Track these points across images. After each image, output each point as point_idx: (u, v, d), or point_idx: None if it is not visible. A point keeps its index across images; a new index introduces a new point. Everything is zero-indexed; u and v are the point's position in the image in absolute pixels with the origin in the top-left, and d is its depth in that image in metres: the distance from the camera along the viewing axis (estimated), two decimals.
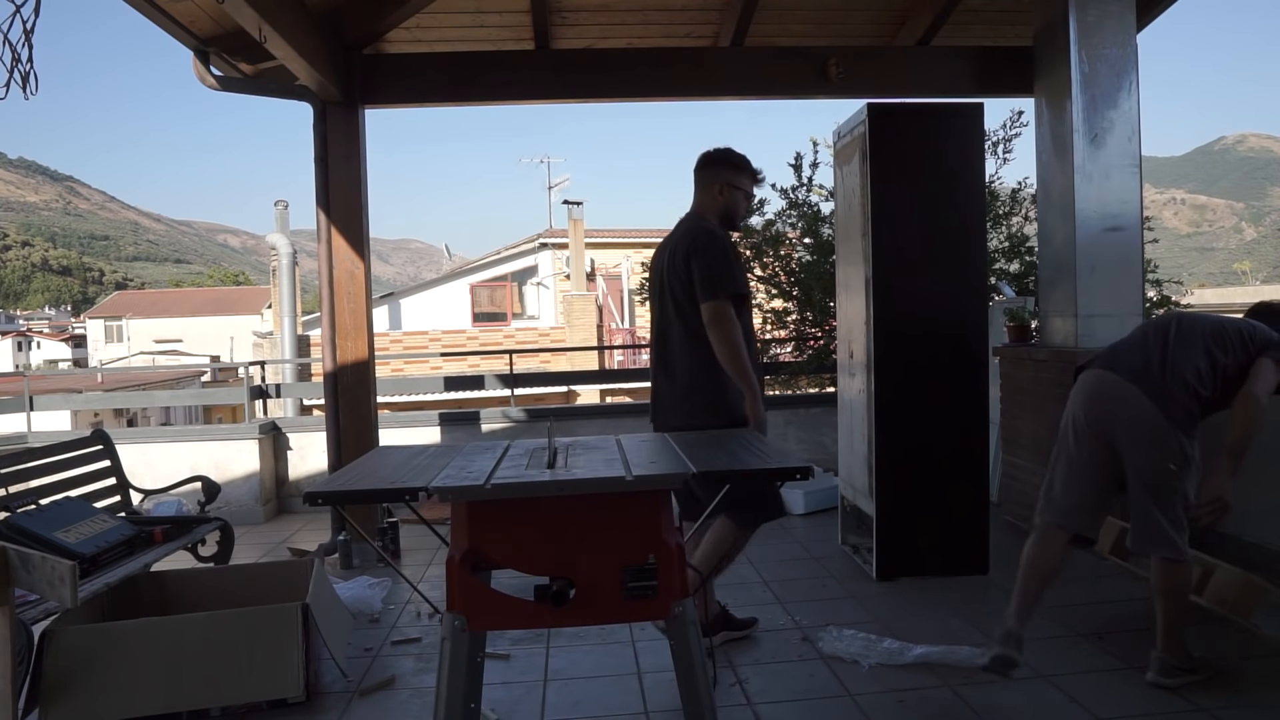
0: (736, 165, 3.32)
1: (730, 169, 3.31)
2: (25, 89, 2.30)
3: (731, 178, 3.30)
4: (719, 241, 3.18)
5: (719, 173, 3.31)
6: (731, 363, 3.08)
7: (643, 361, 19.22)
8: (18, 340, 49.58)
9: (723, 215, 3.32)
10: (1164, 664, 2.91)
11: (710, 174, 3.32)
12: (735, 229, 3.33)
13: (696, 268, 3.12)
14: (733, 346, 3.07)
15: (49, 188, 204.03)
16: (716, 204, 3.30)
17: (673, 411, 3.24)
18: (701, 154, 3.39)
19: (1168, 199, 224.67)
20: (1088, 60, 4.61)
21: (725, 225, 3.33)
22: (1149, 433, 2.86)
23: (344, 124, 5.04)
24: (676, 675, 2.14)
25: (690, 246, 3.17)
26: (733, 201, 3.30)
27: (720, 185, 3.29)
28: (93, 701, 2.81)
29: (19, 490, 3.81)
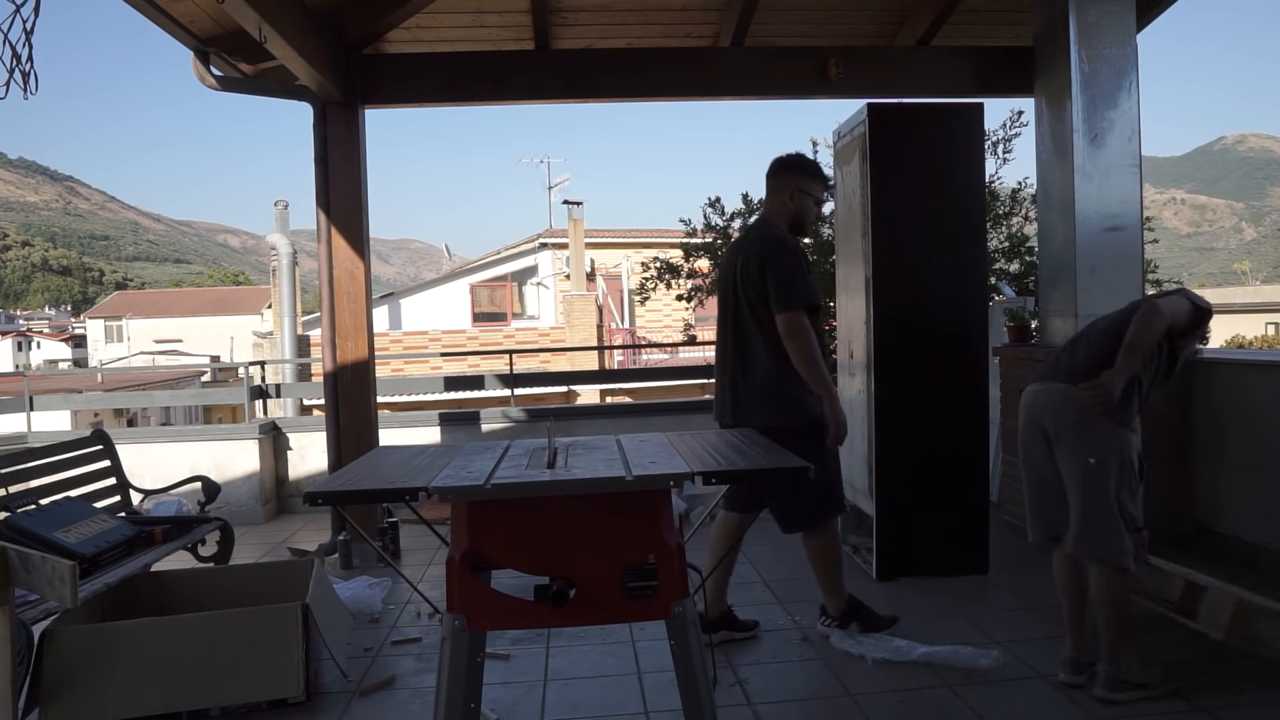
0: (808, 171, 3.40)
1: (802, 175, 3.38)
2: (25, 89, 2.30)
3: (803, 183, 3.37)
4: (791, 251, 3.25)
5: (791, 178, 3.38)
6: (809, 372, 3.18)
7: (643, 361, 19.24)
8: (18, 340, 49.58)
9: (792, 221, 3.39)
10: (1109, 678, 2.80)
11: (782, 180, 3.39)
12: (804, 234, 3.41)
13: (770, 278, 3.19)
14: (810, 357, 3.16)
15: (49, 188, 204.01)
16: (787, 209, 3.38)
17: (752, 411, 3.30)
18: (774, 160, 3.45)
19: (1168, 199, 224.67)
20: (1088, 60, 4.61)
21: (794, 231, 3.40)
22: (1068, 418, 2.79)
23: (344, 124, 5.04)
24: (676, 675, 2.14)
25: (763, 255, 3.24)
26: (803, 207, 3.37)
27: (791, 190, 3.36)
28: (93, 701, 2.81)
29: (19, 490, 3.81)
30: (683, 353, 18.00)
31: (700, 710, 2.12)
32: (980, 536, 4.20)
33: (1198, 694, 2.82)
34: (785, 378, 3.24)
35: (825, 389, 3.20)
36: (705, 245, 8.23)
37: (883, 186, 4.06)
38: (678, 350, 17.88)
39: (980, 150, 4.24)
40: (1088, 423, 2.75)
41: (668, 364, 18.16)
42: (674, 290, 8.60)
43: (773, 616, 3.75)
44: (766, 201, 3.46)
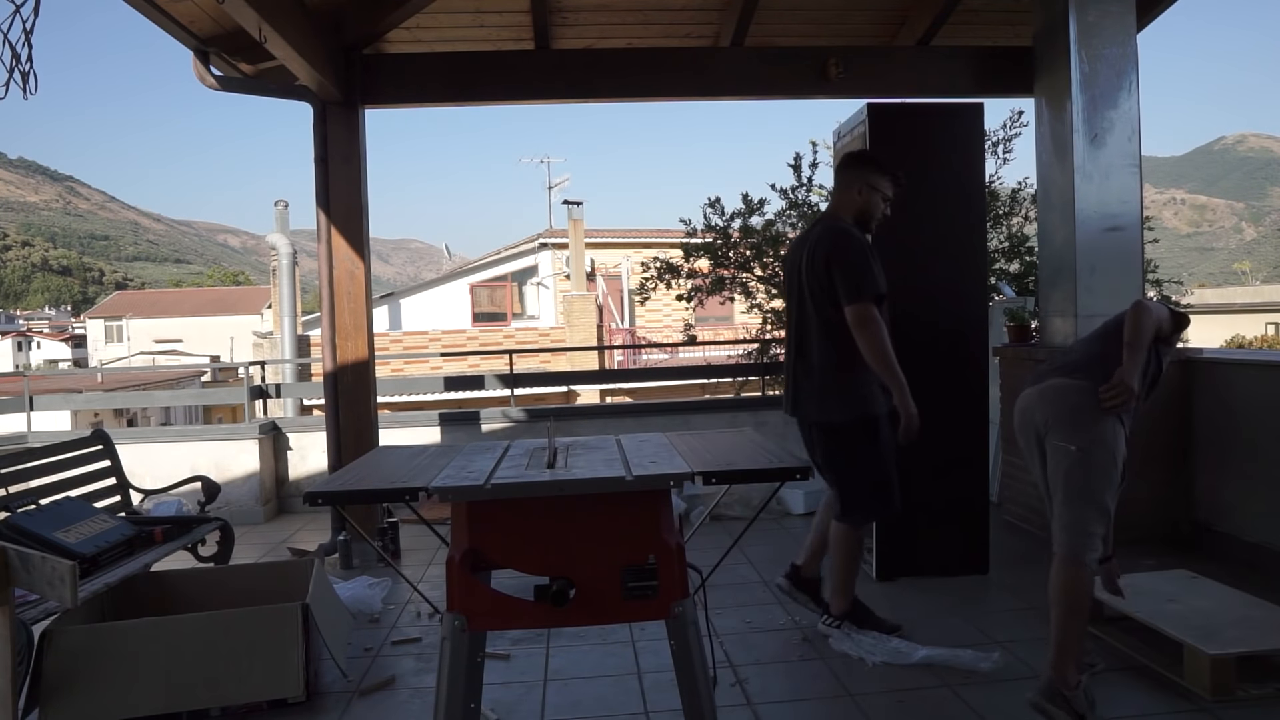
0: (877, 166, 3.41)
1: (871, 170, 3.39)
2: (25, 89, 2.30)
3: (871, 178, 3.38)
4: (856, 243, 3.26)
5: (860, 173, 3.40)
6: (878, 363, 3.18)
7: (643, 361, 19.23)
8: (18, 340, 49.57)
9: (859, 215, 3.40)
10: (1051, 689, 2.63)
11: (851, 174, 3.42)
12: (870, 229, 3.44)
13: (837, 271, 3.21)
14: (880, 347, 3.17)
15: (49, 188, 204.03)
16: (854, 204, 3.39)
17: (810, 405, 3.37)
18: (844, 154, 3.47)
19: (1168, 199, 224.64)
20: (1088, 60, 4.61)
21: (861, 225, 3.41)
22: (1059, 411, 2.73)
23: (344, 124, 5.04)
24: (676, 675, 2.14)
25: (830, 249, 3.25)
26: (871, 203, 3.39)
27: (860, 186, 3.38)
28: (93, 701, 2.81)
29: (19, 490, 3.81)
30: (683, 353, 18.00)
31: (700, 710, 2.12)
32: (980, 536, 4.20)
33: None
34: (842, 373, 3.27)
35: (895, 381, 3.19)
36: (705, 245, 8.24)
37: None
38: (678, 350, 17.88)
39: (980, 150, 4.23)
40: (1078, 414, 2.69)
41: (668, 364, 18.15)
42: (674, 290, 8.61)
43: (773, 616, 3.75)
44: (834, 196, 3.48)
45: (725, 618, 3.69)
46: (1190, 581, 3.47)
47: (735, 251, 8.18)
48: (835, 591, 3.46)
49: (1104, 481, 2.67)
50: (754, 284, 8.28)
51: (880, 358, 3.17)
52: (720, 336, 16.69)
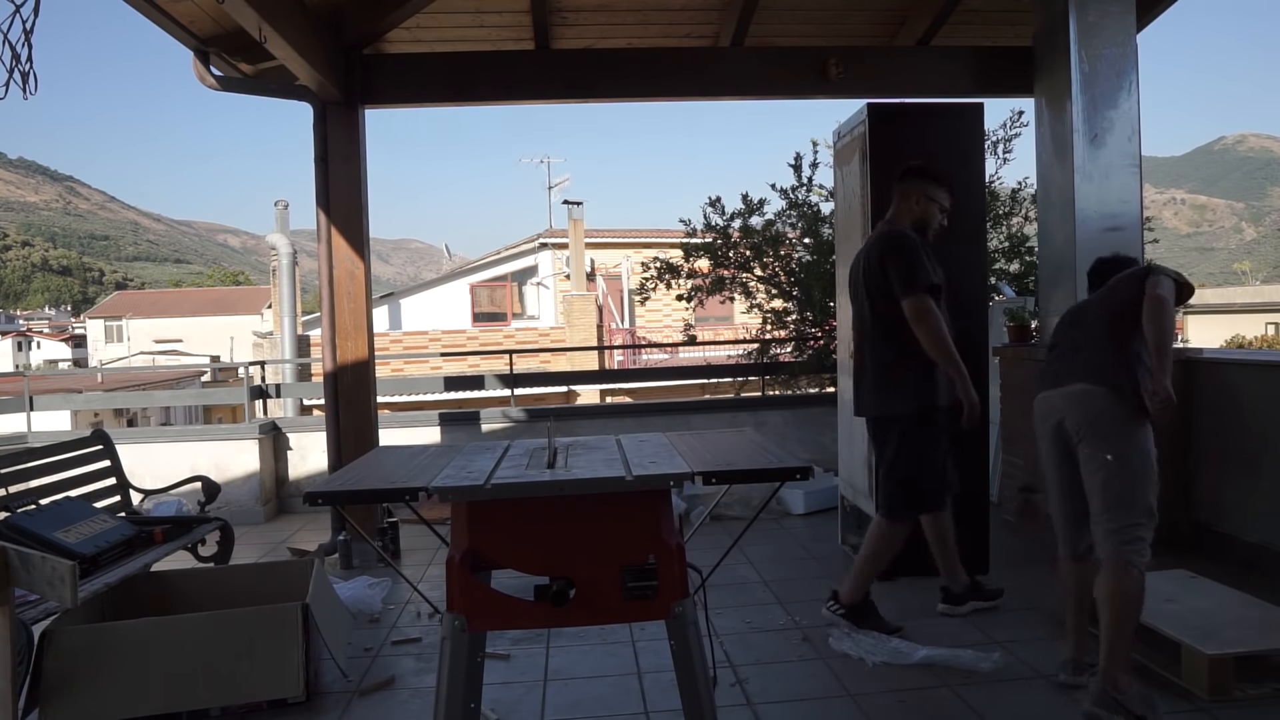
0: (934, 178, 3.55)
1: (928, 181, 3.53)
2: (25, 89, 2.30)
3: (928, 189, 3.52)
4: (910, 241, 3.40)
5: (918, 184, 3.54)
6: (937, 352, 3.30)
7: (643, 361, 19.23)
8: (18, 340, 49.56)
9: (916, 223, 3.53)
10: (1103, 696, 2.61)
11: (909, 185, 3.55)
12: (928, 237, 3.60)
13: (890, 268, 3.37)
14: (936, 336, 3.28)
15: (49, 188, 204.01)
16: (912, 213, 3.53)
17: (865, 403, 3.56)
18: (904, 166, 3.60)
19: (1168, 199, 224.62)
20: (1088, 60, 4.61)
21: (918, 234, 3.53)
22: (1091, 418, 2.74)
23: (344, 124, 5.04)
24: (676, 675, 2.14)
25: (884, 249, 3.42)
26: (928, 212, 3.53)
27: (917, 196, 3.53)
28: (93, 701, 2.81)
29: (19, 490, 3.80)
30: (683, 353, 18.00)
31: (700, 710, 2.12)
32: (980, 536, 4.19)
33: None
34: (895, 367, 3.39)
35: (956, 369, 3.29)
36: (705, 245, 8.23)
37: (883, 186, 4.05)
38: (678, 350, 17.87)
39: (980, 150, 4.24)
40: (1110, 423, 2.70)
41: (668, 364, 18.15)
42: (674, 290, 8.60)
43: (773, 616, 3.75)
44: (894, 205, 3.60)
45: (725, 618, 3.69)
46: (1189, 581, 3.47)
47: (735, 251, 8.17)
48: (852, 581, 3.51)
49: (1144, 484, 2.70)
50: (754, 284, 8.27)
51: (938, 347, 3.28)
52: (720, 336, 16.69)
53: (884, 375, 3.45)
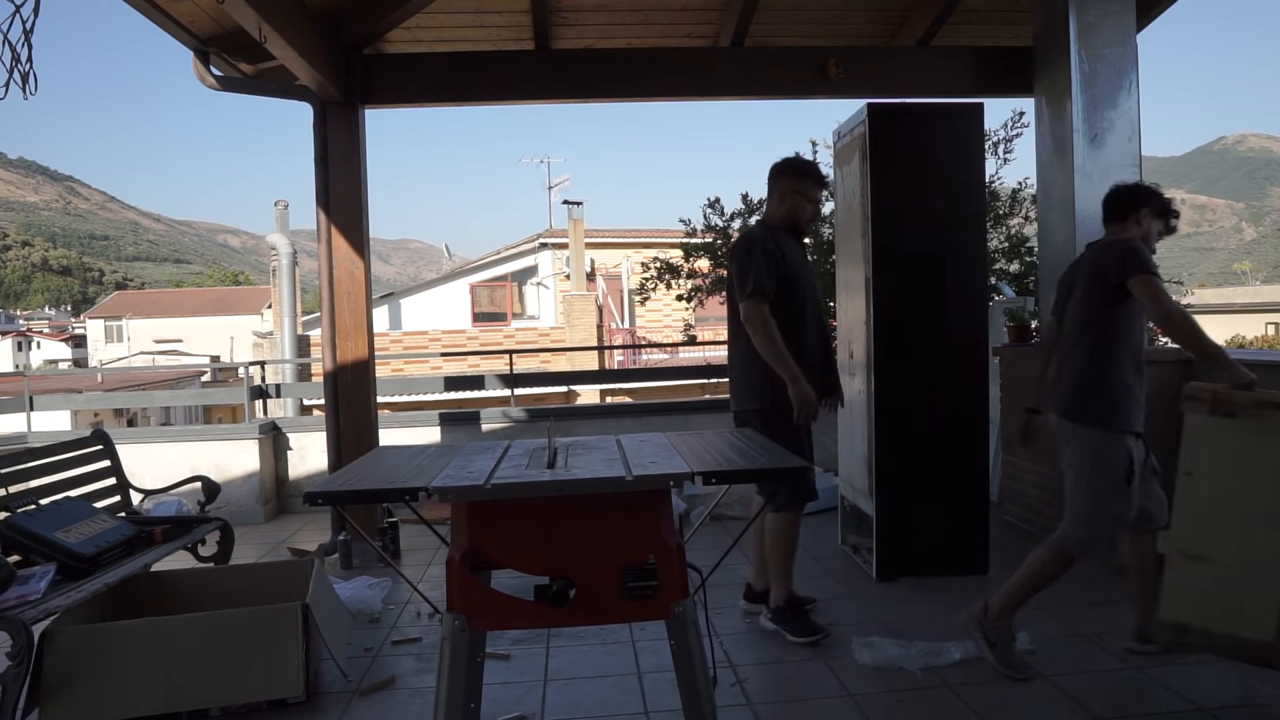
0: (801, 172, 3.58)
1: (795, 176, 3.56)
2: (25, 89, 2.30)
3: (795, 184, 3.55)
4: (752, 241, 3.46)
5: (785, 180, 3.57)
6: (767, 354, 3.36)
7: (643, 361, 19.24)
8: (18, 340, 49.55)
9: (786, 219, 3.57)
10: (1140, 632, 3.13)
11: (777, 181, 3.59)
12: (803, 232, 3.66)
13: (734, 269, 3.47)
14: (764, 340, 3.35)
15: (49, 188, 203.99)
16: (779, 210, 3.58)
17: (732, 396, 3.63)
18: (773, 164, 3.63)
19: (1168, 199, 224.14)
20: (1088, 60, 4.61)
21: (792, 228, 3.59)
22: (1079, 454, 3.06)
23: (344, 124, 5.04)
24: (676, 675, 2.14)
25: (733, 249, 3.54)
26: (795, 206, 3.56)
27: (783, 191, 3.56)
28: (93, 701, 2.81)
29: (19, 490, 3.80)
30: (683, 353, 18.00)
31: (700, 710, 2.12)
32: (980, 536, 4.20)
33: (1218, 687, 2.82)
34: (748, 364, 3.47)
35: (784, 369, 3.34)
36: (705, 245, 8.24)
37: (883, 187, 4.06)
38: (678, 350, 17.89)
39: (980, 150, 4.23)
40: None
41: (668, 364, 18.16)
42: (674, 290, 8.61)
43: None
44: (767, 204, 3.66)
45: (725, 618, 3.69)
46: None
47: None
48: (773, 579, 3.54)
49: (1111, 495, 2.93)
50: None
51: (766, 349, 3.35)
52: (720, 336, 16.66)
53: (742, 370, 3.52)
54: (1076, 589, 3.90)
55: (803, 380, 3.35)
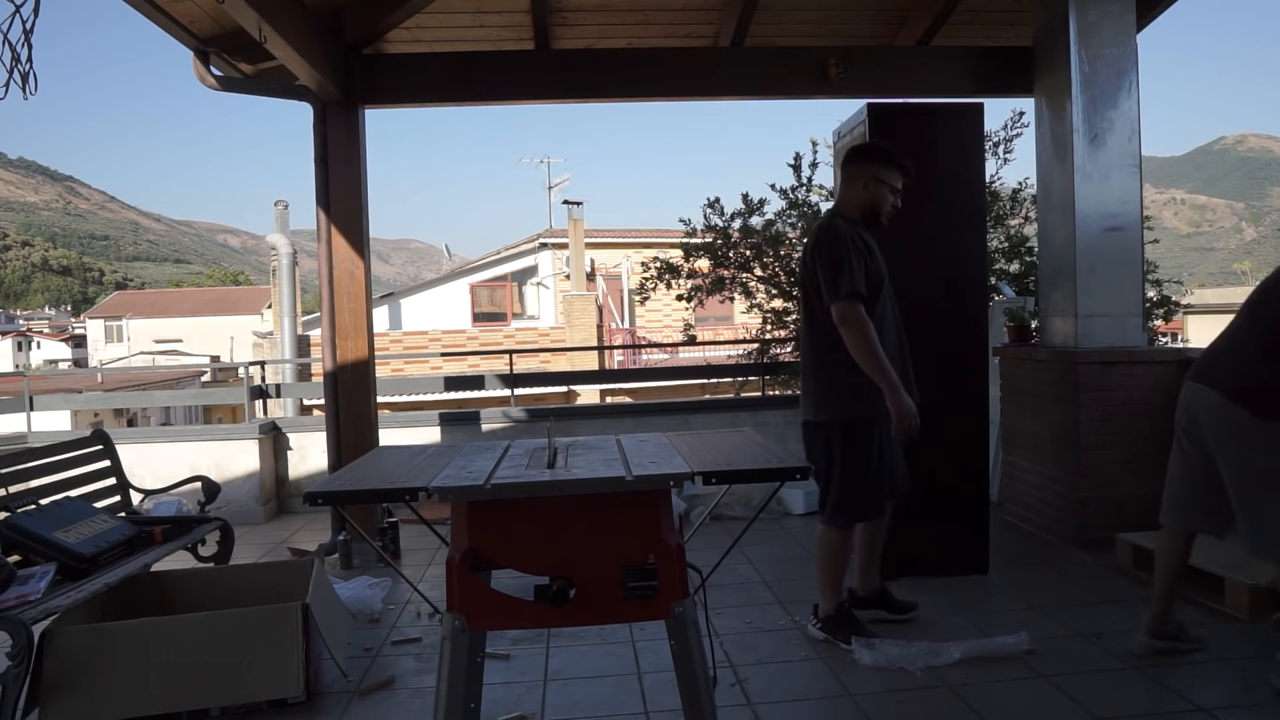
0: (886, 159, 3.31)
1: (880, 163, 3.30)
2: (25, 89, 2.30)
3: (880, 172, 3.29)
4: (841, 238, 3.18)
5: (864, 167, 3.31)
6: (864, 360, 3.12)
7: (643, 361, 19.23)
8: (18, 340, 49.56)
9: (866, 210, 3.32)
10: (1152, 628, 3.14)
11: (855, 168, 3.33)
12: (879, 224, 3.36)
13: (821, 267, 3.17)
14: (862, 344, 3.10)
15: (49, 188, 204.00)
16: (860, 199, 3.31)
17: (805, 404, 3.38)
18: (848, 149, 3.40)
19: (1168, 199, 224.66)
20: (1088, 60, 4.61)
21: (870, 220, 3.33)
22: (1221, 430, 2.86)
23: (344, 124, 5.04)
24: (676, 675, 2.14)
25: (816, 244, 3.24)
26: (877, 196, 3.30)
27: (865, 179, 3.30)
28: (93, 701, 2.81)
29: (19, 490, 3.80)
30: (683, 353, 18.00)
31: (700, 710, 2.12)
32: (980, 536, 4.20)
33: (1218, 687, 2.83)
34: (828, 371, 3.25)
35: (883, 378, 3.11)
36: (705, 245, 8.23)
37: None
38: (678, 350, 17.88)
39: (980, 150, 4.23)
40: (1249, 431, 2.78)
41: (668, 364, 18.15)
42: (674, 290, 8.60)
43: (773, 616, 3.75)
44: (839, 191, 3.42)
45: (725, 618, 3.68)
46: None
47: (735, 251, 8.17)
48: (822, 592, 3.43)
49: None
50: (754, 284, 8.27)
51: (864, 355, 3.11)
52: (720, 336, 16.69)
53: (818, 378, 3.30)
54: (1077, 589, 3.91)
55: (902, 390, 3.13)
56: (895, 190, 3.34)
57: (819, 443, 3.34)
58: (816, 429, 3.34)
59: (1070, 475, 4.56)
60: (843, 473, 3.28)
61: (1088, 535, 4.42)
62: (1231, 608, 3.49)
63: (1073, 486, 4.53)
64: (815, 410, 3.32)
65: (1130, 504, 4.34)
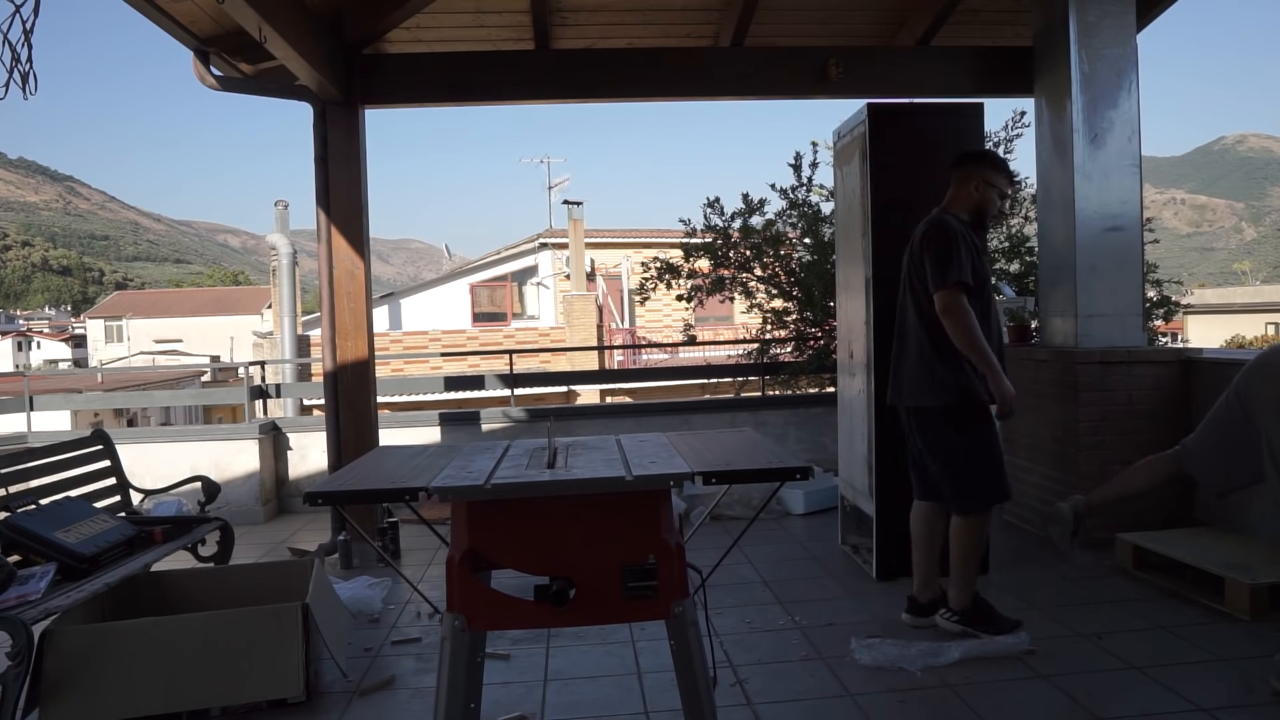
0: (998, 165, 3.52)
1: (993, 169, 3.49)
2: (25, 89, 2.30)
3: (988, 175, 3.47)
4: (950, 230, 3.34)
5: (976, 170, 3.48)
6: (967, 347, 3.25)
7: (643, 361, 19.22)
8: (18, 340, 49.56)
9: (974, 211, 3.48)
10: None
11: (967, 170, 3.50)
12: (985, 226, 3.55)
13: (928, 258, 3.32)
14: (965, 331, 3.24)
15: (49, 188, 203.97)
16: (970, 199, 3.47)
17: (907, 390, 3.47)
18: (960, 152, 3.58)
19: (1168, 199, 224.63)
20: (1088, 60, 4.61)
21: (976, 221, 3.49)
22: None
23: (344, 124, 5.04)
24: (676, 675, 2.14)
25: (924, 237, 3.38)
26: (986, 199, 3.46)
27: (977, 182, 3.47)
28: (93, 701, 2.81)
29: (19, 490, 3.80)
30: (683, 353, 17.99)
31: (700, 710, 2.12)
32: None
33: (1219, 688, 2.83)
34: (936, 358, 3.35)
35: (986, 364, 3.25)
36: (705, 245, 8.23)
37: (883, 186, 4.06)
38: (678, 350, 17.87)
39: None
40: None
41: (668, 364, 18.15)
42: (674, 290, 8.59)
43: (773, 616, 3.75)
44: (951, 190, 3.55)
45: (725, 618, 3.68)
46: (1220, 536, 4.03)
47: (735, 251, 8.17)
48: (954, 583, 3.46)
49: None
50: (754, 284, 8.27)
51: (966, 342, 3.24)
52: (720, 336, 16.69)
53: (923, 365, 3.41)
54: (1077, 589, 3.91)
55: (1003, 374, 3.28)
56: (1004, 195, 3.52)
57: (929, 426, 3.43)
58: (924, 414, 3.43)
59: (1070, 475, 4.56)
60: (968, 458, 3.38)
61: (1089, 535, 4.42)
62: (1231, 608, 3.49)
63: (1073, 487, 4.52)
64: (919, 395, 3.42)
65: (1130, 504, 4.34)
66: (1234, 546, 3.89)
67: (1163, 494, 4.49)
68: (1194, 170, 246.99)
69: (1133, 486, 3.18)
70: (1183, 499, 4.51)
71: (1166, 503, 4.51)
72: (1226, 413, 3.01)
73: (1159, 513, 4.47)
